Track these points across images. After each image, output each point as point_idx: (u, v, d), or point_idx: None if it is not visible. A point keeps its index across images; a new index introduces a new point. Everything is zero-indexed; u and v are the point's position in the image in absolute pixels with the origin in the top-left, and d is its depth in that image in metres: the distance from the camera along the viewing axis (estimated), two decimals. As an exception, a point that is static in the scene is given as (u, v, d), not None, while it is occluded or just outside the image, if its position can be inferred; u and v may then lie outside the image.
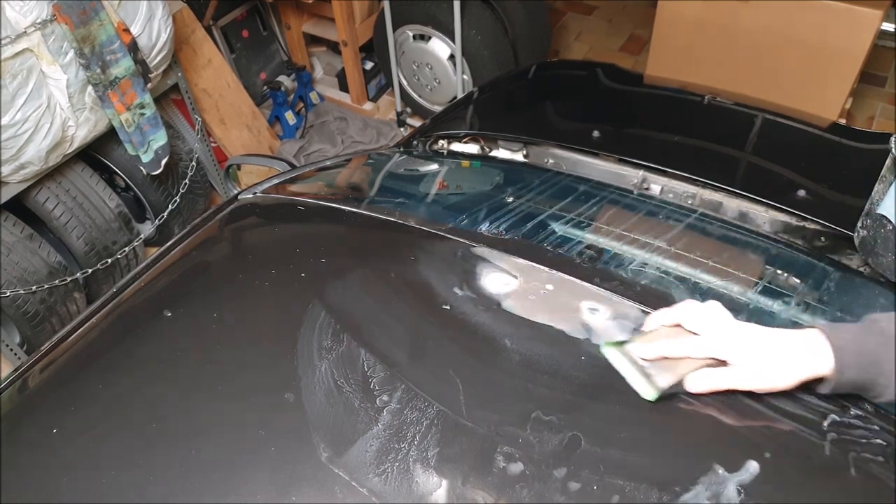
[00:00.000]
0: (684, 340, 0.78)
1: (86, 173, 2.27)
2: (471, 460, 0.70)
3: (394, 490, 0.68)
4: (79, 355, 0.94)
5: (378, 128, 3.25)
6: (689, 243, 1.22)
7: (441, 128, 1.73)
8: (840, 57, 2.48)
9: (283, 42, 3.45)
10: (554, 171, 1.50)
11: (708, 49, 2.71)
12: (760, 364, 0.74)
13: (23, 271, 2.07)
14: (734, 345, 0.76)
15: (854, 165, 1.51)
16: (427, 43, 2.93)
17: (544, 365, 0.80)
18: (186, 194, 2.56)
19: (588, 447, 0.71)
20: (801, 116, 1.65)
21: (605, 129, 1.60)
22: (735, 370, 0.75)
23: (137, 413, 0.81)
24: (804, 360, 0.73)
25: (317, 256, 1.03)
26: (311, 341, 0.84)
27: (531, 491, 0.67)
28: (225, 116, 2.88)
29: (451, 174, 1.56)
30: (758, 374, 0.74)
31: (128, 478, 0.73)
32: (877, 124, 3.07)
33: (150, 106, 2.21)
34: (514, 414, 0.74)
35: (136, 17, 2.11)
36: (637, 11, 3.76)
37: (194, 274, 1.09)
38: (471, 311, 0.87)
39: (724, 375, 0.75)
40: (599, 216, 1.31)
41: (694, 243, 1.23)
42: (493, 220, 1.23)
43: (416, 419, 0.74)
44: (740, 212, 1.37)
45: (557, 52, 3.62)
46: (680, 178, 1.41)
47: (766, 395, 0.75)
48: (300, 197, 1.30)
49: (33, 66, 1.87)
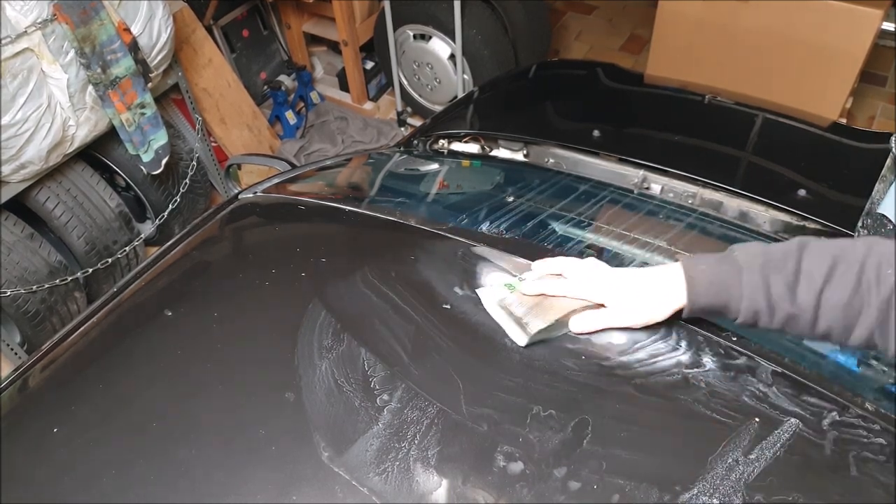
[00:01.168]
0: (564, 281, 0.86)
1: (86, 173, 2.27)
2: (471, 459, 0.70)
3: (394, 489, 0.68)
4: (79, 355, 0.94)
5: (378, 127, 3.25)
6: (690, 243, 1.23)
7: (441, 127, 1.73)
8: (840, 56, 2.48)
9: (283, 42, 3.45)
10: (554, 171, 1.50)
11: (708, 49, 2.71)
12: (633, 302, 0.82)
13: (23, 271, 2.07)
14: (607, 287, 0.84)
15: (854, 165, 1.51)
16: (427, 42, 2.93)
17: (545, 364, 0.80)
18: (187, 194, 2.56)
19: (588, 446, 0.71)
20: (801, 116, 1.65)
21: (606, 128, 1.60)
22: (611, 310, 0.83)
23: (138, 412, 0.81)
24: (669, 293, 0.80)
25: (317, 256, 1.03)
26: (311, 341, 0.84)
27: (531, 490, 0.67)
28: (225, 116, 2.88)
29: (451, 174, 1.56)
30: (632, 311, 0.82)
31: (128, 477, 0.74)
32: (877, 124, 3.07)
33: (150, 105, 2.21)
34: (515, 413, 0.74)
35: (137, 17, 2.12)
36: (637, 11, 3.76)
37: (195, 273, 1.09)
38: (471, 311, 0.87)
39: (602, 315, 0.83)
40: (600, 216, 1.31)
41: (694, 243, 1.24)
42: (494, 220, 1.23)
43: (417, 418, 0.74)
44: (741, 211, 1.37)
45: (557, 52, 3.62)
46: (680, 178, 1.41)
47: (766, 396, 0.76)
48: (300, 196, 1.30)
49: (34, 66, 1.87)
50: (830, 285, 0.72)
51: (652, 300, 0.82)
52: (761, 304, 0.75)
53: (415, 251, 1.01)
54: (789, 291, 0.74)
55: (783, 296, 0.74)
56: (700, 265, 0.80)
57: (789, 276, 0.74)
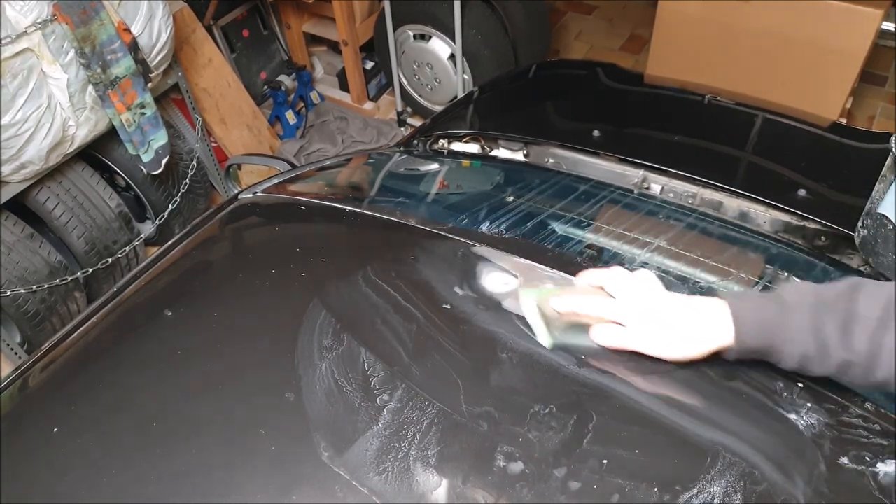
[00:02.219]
0: (594, 299, 0.82)
1: (86, 173, 2.27)
2: (471, 459, 0.70)
3: (394, 489, 0.68)
4: (79, 355, 0.94)
5: (378, 127, 3.25)
6: (690, 243, 1.23)
7: (441, 127, 1.73)
8: (840, 56, 2.48)
9: (283, 42, 3.45)
10: (554, 171, 1.50)
11: (708, 49, 2.71)
12: (660, 332, 0.77)
13: (23, 271, 2.07)
14: (636, 311, 0.79)
15: (854, 165, 1.51)
16: (427, 42, 2.93)
17: (545, 364, 0.80)
18: (187, 194, 2.56)
19: (588, 446, 0.71)
20: (801, 116, 1.65)
21: (606, 128, 1.60)
22: (637, 333, 0.78)
23: (138, 412, 0.81)
24: (708, 332, 0.76)
25: (317, 256, 1.03)
26: (311, 340, 0.84)
27: (531, 490, 0.67)
28: (225, 116, 2.88)
29: (451, 174, 1.56)
30: (659, 341, 0.77)
31: (128, 477, 0.73)
32: (877, 124, 3.07)
33: (150, 105, 2.21)
34: (515, 413, 0.74)
35: (137, 17, 2.12)
36: (637, 11, 3.76)
37: (195, 273, 1.09)
38: (471, 311, 0.87)
39: (625, 335, 0.79)
40: (600, 215, 1.31)
41: (694, 243, 1.24)
42: (494, 220, 1.23)
43: (417, 418, 0.74)
44: (741, 211, 1.37)
45: (557, 52, 3.62)
46: (680, 178, 1.41)
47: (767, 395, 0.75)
48: (300, 196, 1.30)
49: (34, 66, 1.87)
50: (889, 329, 0.67)
51: (689, 337, 0.77)
52: (811, 348, 0.71)
53: (415, 251, 1.01)
54: (843, 333, 0.69)
55: (836, 338, 0.69)
56: (744, 303, 0.75)
57: (842, 316, 0.69)
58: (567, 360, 0.80)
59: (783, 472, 0.68)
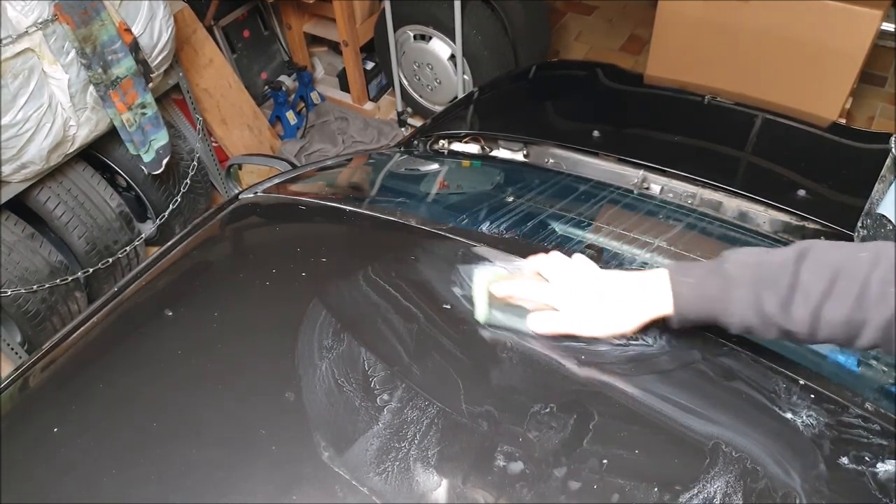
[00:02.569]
0: (528, 284, 0.85)
1: (87, 173, 2.27)
2: (471, 459, 0.70)
3: (394, 489, 0.68)
4: (80, 354, 0.94)
5: (379, 128, 3.25)
6: (689, 243, 1.23)
7: (442, 128, 1.74)
8: (840, 57, 2.48)
9: (284, 42, 3.45)
10: (554, 171, 1.51)
11: (708, 49, 2.71)
12: (590, 312, 0.79)
13: (24, 270, 2.07)
14: (566, 294, 0.81)
15: (854, 165, 1.51)
16: (428, 43, 2.93)
17: (545, 364, 0.80)
18: (187, 194, 2.57)
19: (589, 446, 0.71)
20: (801, 116, 1.65)
21: (606, 128, 1.60)
22: (569, 316, 0.80)
23: (138, 412, 0.81)
24: (643, 303, 0.77)
25: (317, 256, 1.03)
26: (311, 340, 0.84)
27: (531, 490, 0.67)
28: (226, 116, 2.88)
29: (451, 174, 1.57)
30: (589, 320, 0.80)
31: (128, 477, 0.74)
32: (876, 124, 3.07)
33: (151, 106, 2.22)
34: (515, 413, 0.74)
35: (138, 17, 2.12)
36: (637, 11, 3.76)
37: (195, 273, 1.09)
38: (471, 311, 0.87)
39: (557, 320, 0.81)
40: (600, 216, 1.31)
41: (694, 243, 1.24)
42: (494, 220, 1.23)
43: (417, 418, 0.74)
44: (740, 211, 1.37)
45: (557, 52, 3.62)
46: (680, 178, 1.41)
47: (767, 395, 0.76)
48: (301, 197, 1.30)
49: (35, 66, 1.87)
50: (829, 301, 0.67)
51: (619, 311, 0.78)
52: (753, 321, 0.72)
53: (415, 251, 1.01)
54: (783, 309, 0.69)
55: (776, 313, 0.70)
56: (688, 277, 0.76)
57: (783, 291, 0.69)
58: (567, 360, 0.80)
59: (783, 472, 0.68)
